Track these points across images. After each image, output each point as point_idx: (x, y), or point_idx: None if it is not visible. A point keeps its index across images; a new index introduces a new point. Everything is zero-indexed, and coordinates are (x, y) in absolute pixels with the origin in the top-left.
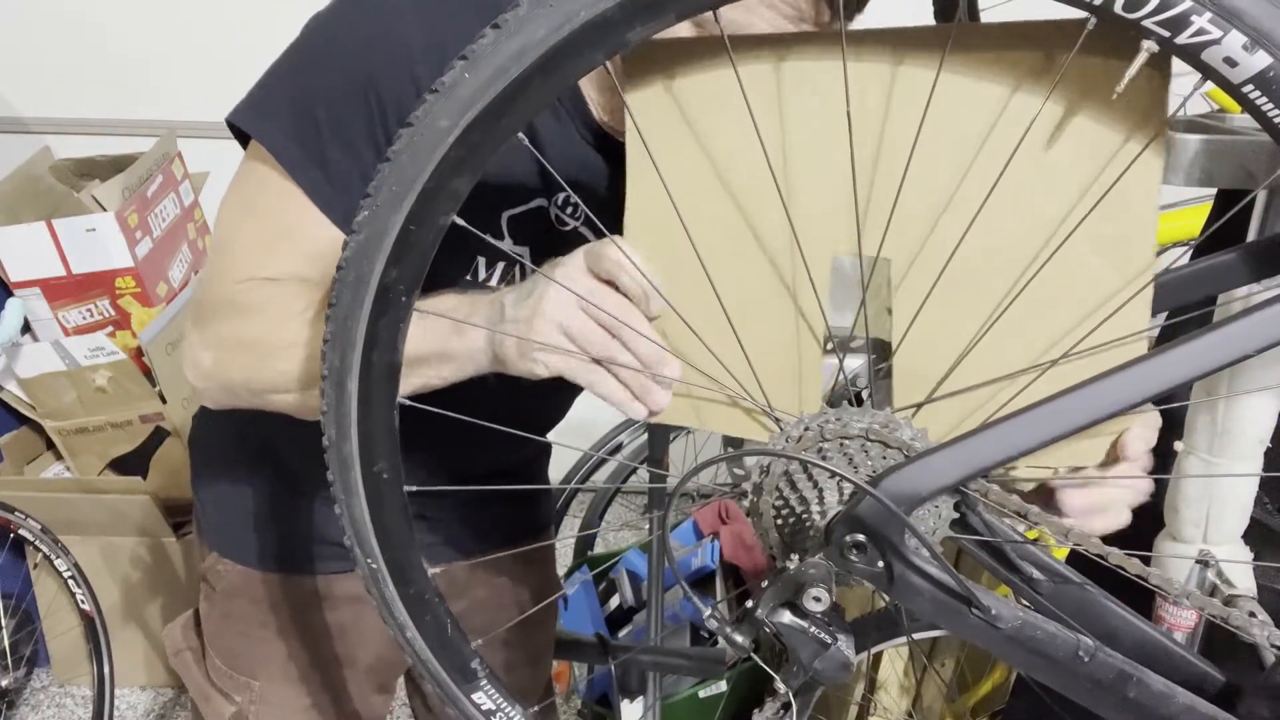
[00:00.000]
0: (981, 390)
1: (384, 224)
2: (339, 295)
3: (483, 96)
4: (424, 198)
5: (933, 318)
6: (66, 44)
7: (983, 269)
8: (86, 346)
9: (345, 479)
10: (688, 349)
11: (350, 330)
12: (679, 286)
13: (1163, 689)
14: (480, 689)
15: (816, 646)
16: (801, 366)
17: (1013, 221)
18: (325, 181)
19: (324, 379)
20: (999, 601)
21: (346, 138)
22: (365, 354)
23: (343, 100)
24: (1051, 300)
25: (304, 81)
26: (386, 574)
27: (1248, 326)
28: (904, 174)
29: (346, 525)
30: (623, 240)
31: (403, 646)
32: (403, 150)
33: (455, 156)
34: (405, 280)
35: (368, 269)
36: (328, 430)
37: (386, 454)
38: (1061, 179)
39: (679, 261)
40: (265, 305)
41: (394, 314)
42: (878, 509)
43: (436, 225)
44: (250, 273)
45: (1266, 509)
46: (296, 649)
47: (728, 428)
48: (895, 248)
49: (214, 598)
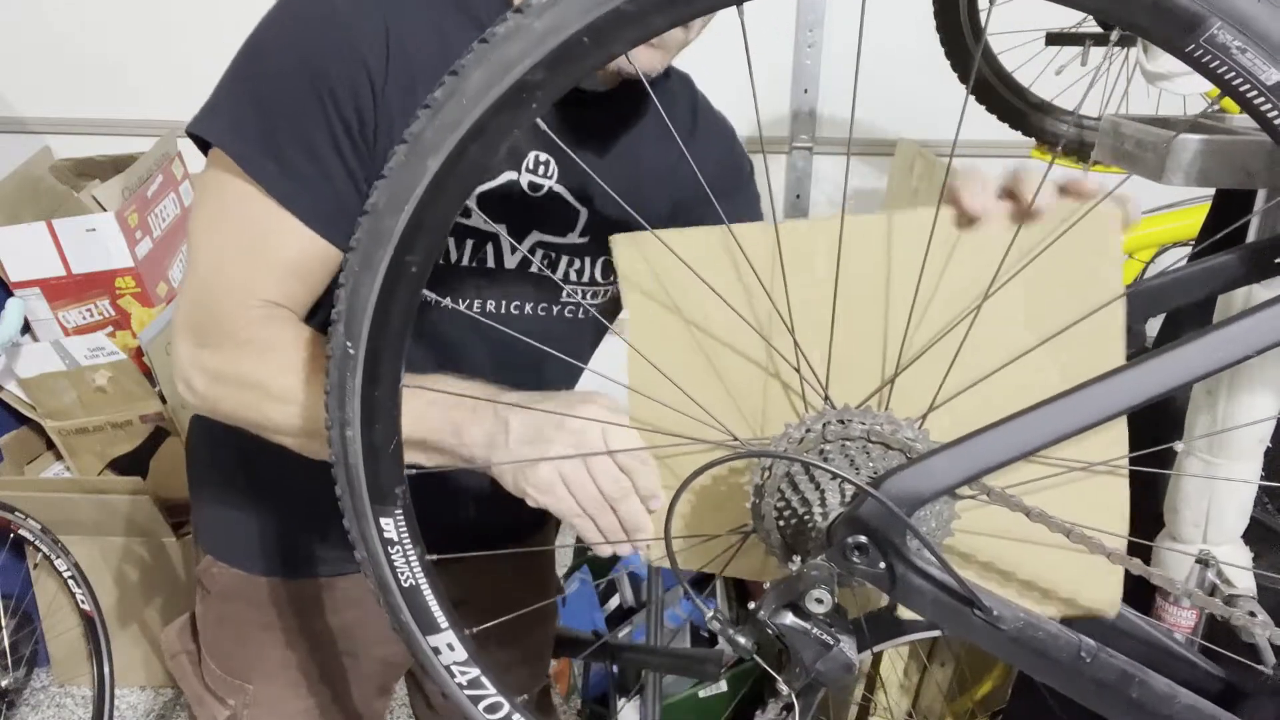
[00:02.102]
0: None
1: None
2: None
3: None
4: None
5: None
6: (67, 44)
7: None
8: (86, 346)
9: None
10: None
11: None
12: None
13: (1165, 690)
14: (391, 516)
15: (819, 648)
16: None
17: (993, 352)
18: (286, 178)
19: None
20: (1001, 603)
21: (304, 134)
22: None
23: (295, 97)
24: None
25: (254, 83)
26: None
27: (1248, 327)
28: (911, 315)
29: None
30: (638, 448)
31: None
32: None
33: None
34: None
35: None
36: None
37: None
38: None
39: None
40: (265, 346)
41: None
42: (879, 510)
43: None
44: (244, 299)
45: (1266, 509)
46: (292, 652)
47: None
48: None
49: (209, 601)
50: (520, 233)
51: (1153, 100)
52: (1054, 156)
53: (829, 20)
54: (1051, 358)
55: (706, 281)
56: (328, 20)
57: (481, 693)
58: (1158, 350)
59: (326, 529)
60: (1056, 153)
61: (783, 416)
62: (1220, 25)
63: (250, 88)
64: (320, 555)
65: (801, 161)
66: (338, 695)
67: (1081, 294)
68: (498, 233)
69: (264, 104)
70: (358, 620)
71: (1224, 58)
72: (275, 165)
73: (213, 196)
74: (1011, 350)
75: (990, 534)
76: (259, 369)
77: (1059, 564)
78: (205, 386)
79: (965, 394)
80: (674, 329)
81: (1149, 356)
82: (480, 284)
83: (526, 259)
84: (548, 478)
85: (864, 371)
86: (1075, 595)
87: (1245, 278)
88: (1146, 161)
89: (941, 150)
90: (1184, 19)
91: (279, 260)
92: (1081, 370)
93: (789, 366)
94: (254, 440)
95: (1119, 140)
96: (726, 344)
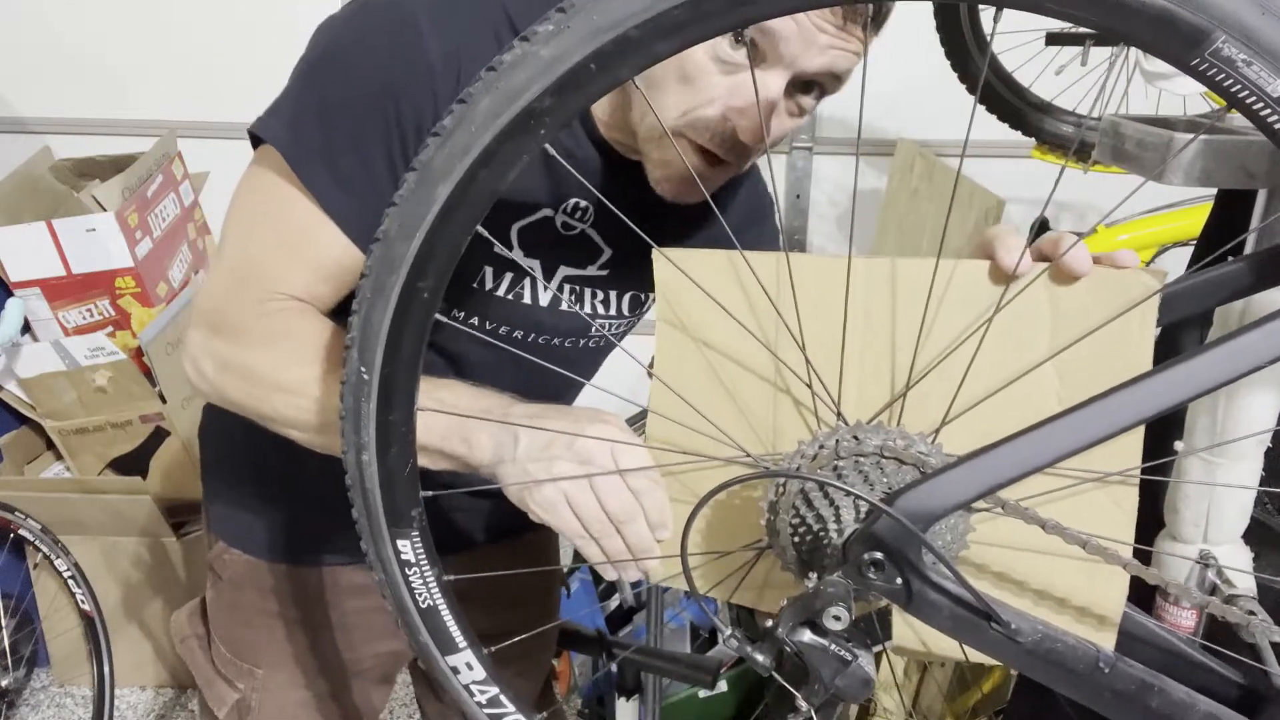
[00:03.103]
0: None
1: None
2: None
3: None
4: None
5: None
6: (67, 44)
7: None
8: (86, 346)
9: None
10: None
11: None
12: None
13: (1184, 698)
14: (408, 538)
15: (837, 664)
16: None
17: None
18: (336, 187)
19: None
20: (1019, 616)
21: (362, 147)
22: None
23: (362, 110)
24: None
25: (322, 90)
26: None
27: (1259, 339)
28: (920, 330)
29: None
30: (651, 468)
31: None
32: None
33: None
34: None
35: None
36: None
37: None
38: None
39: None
40: (278, 338)
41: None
42: (895, 527)
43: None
44: (268, 290)
45: (1266, 509)
46: (300, 639)
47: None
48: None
49: (220, 586)
50: (550, 268)
51: (1152, 100)
52: (1055, 157)
53: None
54: (1069, 390)
55: (718, 300)
56: (408, 38)
57: (500, 711)
58: (1171, 362)
59: (333, 519)
60: (1058, 153)
61: (795, 432)
62: (1225, 39)
63: (318, 95)
64: (326, 544)
65: (801, 161)
66: (342, 682)
67: (1112, 342)
68: (531, 271)
69: (329, 113)
70: (361, 610)
71: (1229, 71)
72: (328, 174)
73: (257, 194)
74: (1032, 382)
75: (1001, 545)
76: (267, 359)
77: (1066, 572)
78: (214, 373)
79: (977, 410)
80: (696, 346)
81: (1163, 368)
82: (513, 314)
83: (557, 297)
84: (551, 496)
85: (876, 387)
86: (1089, 605)
87: (1250, 287)
88: (1146, 161)
89: (941, 150)
90: (1188, 33)
91: (312, 261)
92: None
93: (800, 383)
94: (263, 429)
95: (1119, 140)
96: (741, 362)
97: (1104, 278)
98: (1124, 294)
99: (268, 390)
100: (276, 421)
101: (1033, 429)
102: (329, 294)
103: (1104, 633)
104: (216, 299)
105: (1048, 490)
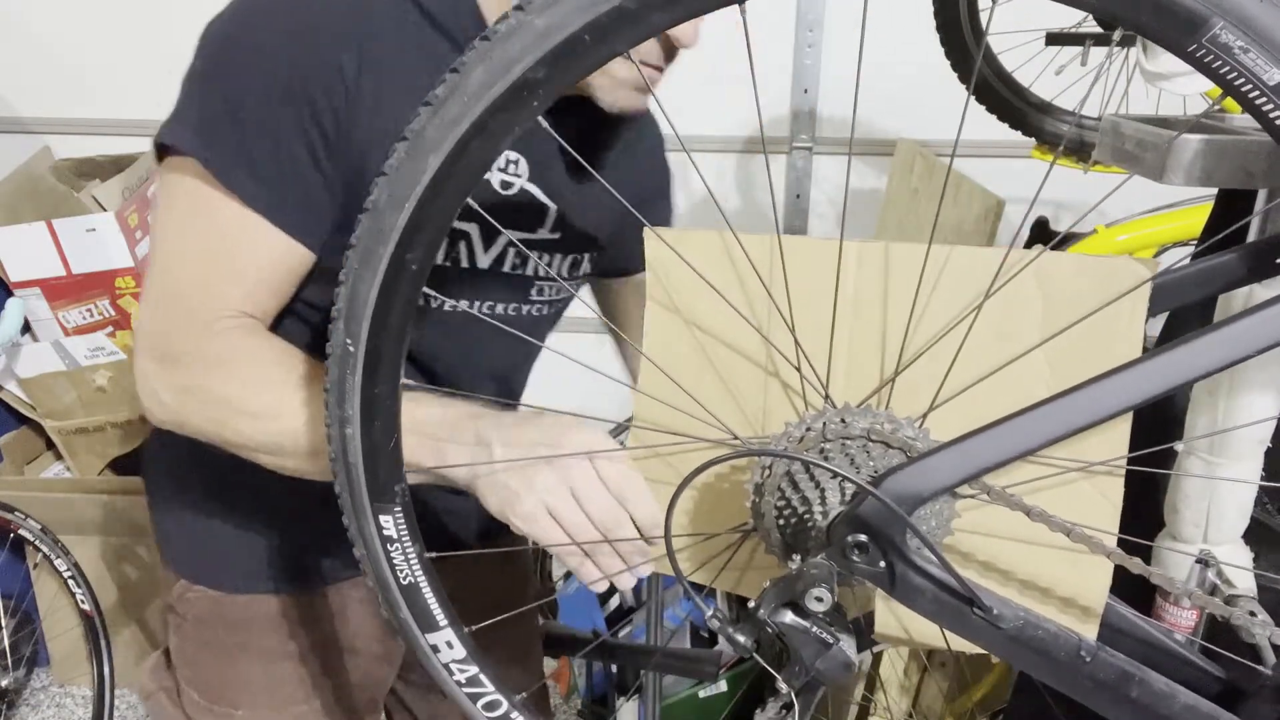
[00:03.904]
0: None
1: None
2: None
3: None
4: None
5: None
6: (66, 44)
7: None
8: (86, 346)
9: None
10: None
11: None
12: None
13: (1164, 689)
14: (390, 513)
15: (818, 646)
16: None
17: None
18: (259, 183)
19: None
20: (1001, 601)
21: (278, 139)
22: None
23: (270, 100)
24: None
25: (225, 89)
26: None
27: (1249, 327)
28: (911, 315)
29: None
30: (636, 474)
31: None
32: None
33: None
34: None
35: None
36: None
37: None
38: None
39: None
40: (230, 359)
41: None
42: (880, 509)
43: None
44: (211, 311)
45: (1266, 509)
46: (279, 671)
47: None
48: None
49: (184, 629)
50: (491, 231)
51: (1153, 100)
52: (1055, 157)
53: (829, 20)
54: (1059, 378)
55: (709, 280)
56: (304, 29)
57: (480, 690)
58: (1159, 349)
59: (303, 541)
60: (1058, 153)
61: (784, 415)
62: (1223, 25)
63: (222, 94)
64: (298, 568)
65: (801, 161)
66: (328, 712)
67: (1101, 331)
68: (468, 232)
69: (237, 110)
70: (341, 632)
71: (1226, 58)
72: (248, 172)
73: (177, 209)
74: (1022, 370)
75: (986, 534)
76: (228, 383)
77: (1050, 562)
78: (173, 400)
79: (966, 396)
80: (686, 326)
81: (1150, 355)
82: (452, 283)
83: (499, 258)
84: (531, 509)
85: (864, 372)
86: (1072, 595)
87: (1247, 278)
88: (1146, 161)
89: (941, 150)
90: (1187, 19)
91: (248, 268)
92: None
93: (790, 366)
94: (219, 456)
95: (1119, 140)
96: (731, 343)
97: (1095, 266)
98: (1115, 282)
99: (231, 414)
100: (245, 447)
101: (1019, 414)
102: (271, 301)
103: (1087, 623)
104: (159, 326)
105: (1034, 478)
